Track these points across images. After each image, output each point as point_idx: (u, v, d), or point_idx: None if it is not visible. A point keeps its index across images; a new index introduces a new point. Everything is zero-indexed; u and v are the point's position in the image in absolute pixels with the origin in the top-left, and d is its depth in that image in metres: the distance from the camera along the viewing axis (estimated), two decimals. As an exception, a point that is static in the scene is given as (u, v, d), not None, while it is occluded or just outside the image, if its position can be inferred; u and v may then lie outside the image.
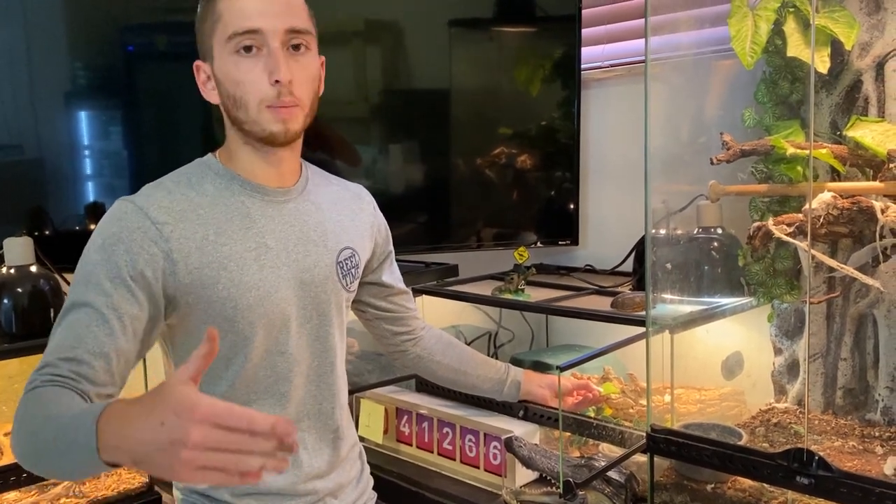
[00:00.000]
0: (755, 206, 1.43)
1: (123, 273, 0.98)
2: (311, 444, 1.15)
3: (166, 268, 1.01)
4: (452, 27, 1.99)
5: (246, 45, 1.02)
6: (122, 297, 0.97)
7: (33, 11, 1.69)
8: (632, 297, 1.55)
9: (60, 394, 0.88)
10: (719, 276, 1.52)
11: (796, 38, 1.34)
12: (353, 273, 1.20)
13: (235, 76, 1.03)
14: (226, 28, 1.02)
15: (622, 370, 1.70)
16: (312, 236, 1.14)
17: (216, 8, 1.04)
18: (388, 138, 1.99)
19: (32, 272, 1.44)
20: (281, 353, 1.10)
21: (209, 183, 1.09)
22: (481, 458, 1.53)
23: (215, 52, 1.05)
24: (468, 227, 2.07)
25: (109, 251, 0.99)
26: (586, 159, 2.09)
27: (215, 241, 1.05)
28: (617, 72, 2.02)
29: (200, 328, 1.05)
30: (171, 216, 1.03)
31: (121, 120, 1.83)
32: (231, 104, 1.06)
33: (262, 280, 1.07)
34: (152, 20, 1.78)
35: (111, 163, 1.82)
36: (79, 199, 1.79)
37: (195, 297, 1.03)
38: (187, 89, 1.71)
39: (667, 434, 1.26)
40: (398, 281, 1.36)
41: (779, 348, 1.54)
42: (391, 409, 1.71)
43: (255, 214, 1.09)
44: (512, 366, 1.49)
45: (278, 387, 1.11)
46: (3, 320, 1.41)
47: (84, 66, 1.76)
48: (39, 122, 1.74)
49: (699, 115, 1.57)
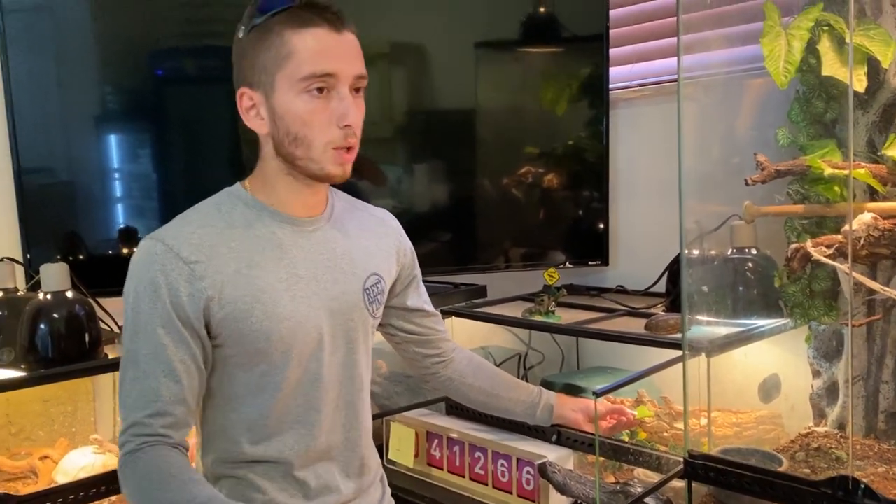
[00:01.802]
0: (791, 227, 1.41)
1: (173, 317, 1.02)
2: (338, 472, 1.15)
3: (203, 305, 1.02)
4: (479, 49, 2.00)
5: (320, 87, 1.03)
6: (179, 342, 1.02)
7: (69, 39, 1.73)
8: (666, 318, 1.53)
9: (166, 458, 0.99)
10: (755, 297, 1.50)
11: (831, 56, 1.32)
12: (378, 300, 1.20)
13: (304, 116, 1.03)
14: (300, 67, 1.01)
15: (655, 393, 1.68)
16: (340, 264, 1.14)
17: (286, 42, 1.02)
18: (416, 159, 2.00)
19: (68, 298, 1.46)
20: (311, 381, 1.11)
21: (238, 214, 1.09)
22: (514, 483, 1.51)
23: (278, 86, 1.03)
24: (496, 247, 2.07)
25: (154, 298, 1.01)
26: (615, 179, 2.08)
27: (248, 273, 1.05)
28: (645, 91, 2.01)
29: (232, 359, 1.06)
30: (202, 253, 1.04)
31: (153, 144, 1.86)
32: (289, 140, 1.05)
33: (295, 311, 1.07)
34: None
35: (141, 186, 1.84)
36: (111, 223, 1.81)
37: (229, 330, 1.04)
38: (220, 112, 1.73)
39: (705, 460, 1.23)
40: (426, 304, 1.36)
41: (817, 370, 1.51)
42: (422, 433, 1.70)
43: (287, 244, 1.09)
44: (544, 389, 1.48)
45: (309, 416, 1.11)
46: (39, 345, 1.42)
47: (114, 91, 1.79)
48: (72, 146, 1.77)
49: (731, 135, 1.56)
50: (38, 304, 1.44)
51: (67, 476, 1.48)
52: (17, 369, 1.42)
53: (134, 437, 1.00)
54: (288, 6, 1.03)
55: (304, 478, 1.10)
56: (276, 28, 1.02)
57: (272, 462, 1.09)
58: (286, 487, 1.09)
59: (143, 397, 1.01)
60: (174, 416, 1.02)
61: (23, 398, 1.66)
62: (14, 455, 1.61)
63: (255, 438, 1.09)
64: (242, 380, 1.08)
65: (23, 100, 1.67)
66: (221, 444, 1.10)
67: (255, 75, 1.05)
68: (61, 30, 1.72)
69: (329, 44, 1.03)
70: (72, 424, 1.73)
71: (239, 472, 1.09)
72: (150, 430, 1.00)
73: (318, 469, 1.12)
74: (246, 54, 1.05)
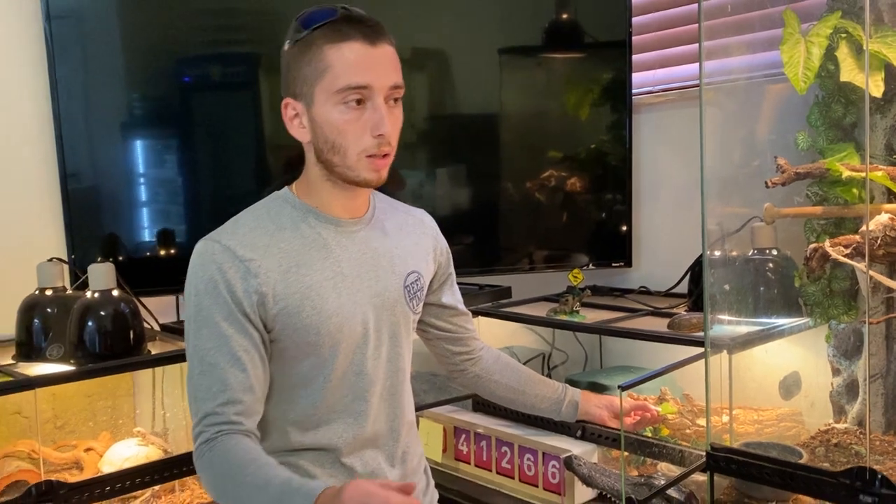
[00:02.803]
0: (811, 228, 1.45)
1: (233, 309, 1.07)
2: (384, 460, 1.21)
3: (258, 300, 1.09)
4: (503, 54, 2.06)
5: (356, 98, 1.08)
6: (241, 332, 1.08)
7: (109, 46, 1.81)
8: (688, 318, 1.57)
9: (241, 445, 1.05)
10: (775, 297, 1.53)
11: (849, 62, 1.36)
12: (418, 296, 1.26)
13: (339, 126, 1.09)
14: (336, 80, 1.07)
15: (678, 391, 1.71)
16: (382, 262, 1.20)
17: (324, 56, 1.07)
18: (442, 162, 2.06)
19: (114, 296, 1.53)
20: (357, 373, 1.16)
21: (286, 216, 1.16)
22: (540, 476, 1.56)
23: (317, 98, 1.09)
24: (520, 249, 2.11)
25: (214, 293, 1.08)
26: (638, 182, 2.13)
27: (297, 272, 1.11)
28: (668, 96, 2.05)
29: (285, 352, 1.13)
30: (255, 252, 1.10)
31: (192, 150, 1.93)
32: (327, 148, 1.11)
33: (341, 307, 1.13)
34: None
35: (175, 191, 1.91)
36: (149, 226, 1.88)
37: (282, 325, 1.10)
38: (260, 117, 1.78)
39: (727, 452, 1.27)
40: (458, 303, 1.41)
41: (837, 368, 1.54)
42: (449, 428, 1.75)
43: (332, 244, 1.16)
44: (569, 386, 1.52)
45: (356, 406, 1.17)
46: (87, 341, 1.49)
47: (141, 98, 1.86)
48: (112, 152, 1.85)
49: (751, 139, 1.59)
50: (87, 302, 1.51)
51: (113, 466, 1.55)
52: (66, 364, 1.50)
53: (208, 427, 1.06)
54: (328, 20, 1.08)
55: (352, 464, 1.16)
56: (315, 42, 1.08)
57: (322, 449, 1.15)
58: (335, 473, 1.15)
59: (212, 388, 1.06)
60: (244, 403, 1.07)
61: (67, 393, 1.73)
62: (60, 447, 1.68)
63: (305, 427, 1.15)
64: (294, 372, 1.13)
65: (68, 107, 1.75)
66: (274, 433, 1.16)
67: (298, 87, 1.11)
68: (102, 37, 1.80)
69: (364, 57, 1.08)
70: (113, 419, 1.81)
71: (290, 458, 1.14)
72: (222, 418, 1.05)
73: (365, 456, 1.18)
74: (290, 67, 1.12)
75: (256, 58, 1.92)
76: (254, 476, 1.01)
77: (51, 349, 1.52)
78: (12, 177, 1.78)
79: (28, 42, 1.76)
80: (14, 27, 1.77)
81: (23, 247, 1.74)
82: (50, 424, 1.69)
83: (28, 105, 1.78)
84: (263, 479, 1.00)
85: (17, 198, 1.79)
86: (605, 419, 1.50)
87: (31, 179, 1.79)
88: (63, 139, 1.75)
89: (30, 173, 1.79)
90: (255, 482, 1.00)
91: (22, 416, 1.67)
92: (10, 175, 1.77)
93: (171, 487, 1.63)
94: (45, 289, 1.57)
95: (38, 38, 1.74)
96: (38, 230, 1.79)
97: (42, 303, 1.54)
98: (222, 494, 1.06)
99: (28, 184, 1.79)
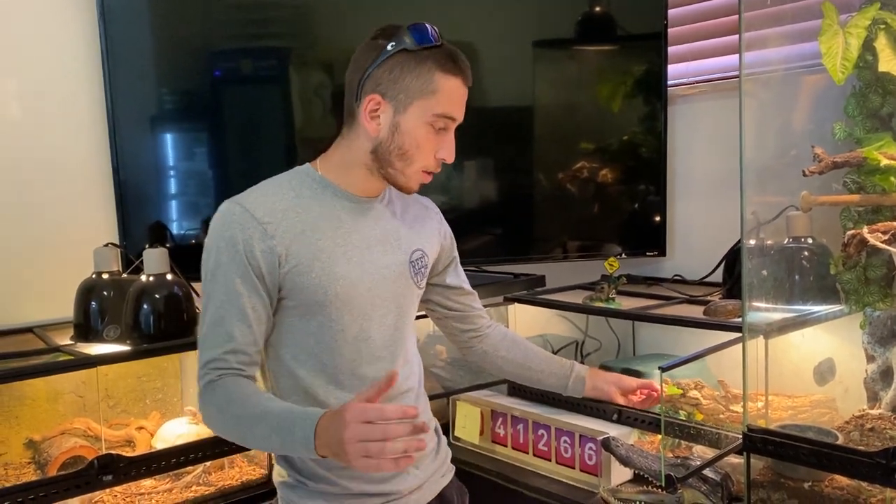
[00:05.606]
0: (848, 216, 1.47)
1: (249, 271, 1.17)
2: None
3: (273, 261, 1.18)
4: (536, 47, 2.09)
5: (442, 126, 1.22)
6: (252, 291, 1.17)
7: (155, 41, 1.87)
8: (724, 304, 1.60)
9: (242, 384, 1.15)
10: (811, 284, 1.56)
11: (887, 53, 1.38)
12: (422, 272, 1.35)
13: (420, 141, 1.22)
14: (438, 105, 1.20)
15: (711, 378, 1.74)
16: (390, 238, 1.29)
17: (434, 80, 1.19)
18: (478, 154, 2.09)
19: (168, 280, 1.59)
20: (364, 339, 1.24)
21: (307, 188, 1.25)
22: (577, 458, 1.60)
23: (411, 110, 1.20)
24: (555, 239, 2.15)
25: (232, 252, 1.17)
26: (672, 172, 2.15)
27: (311, 235, 1.21)
28: (702, 88, 2.07)
29: (294, 310, 1.21)
30: (273, 216, 1.19)
31: (234, 141, 1.98)
32: (397, 152, 1.22)
33: (349, 272, 1.22)
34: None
35: (217, 182, 1.97)
36: (196, 214, 1.95)
37: (292, 283, 1.19)
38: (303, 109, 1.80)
39: (764, 433, 1.30)
40: (463, 283, 1.49)
41: (871, 355, 1.56)
42: (486, 412, 1.80)
43: (344, 217, 1.25)
44: (576, 363, 1.58)
45: (361, 369, 1.24)
46: (143, 323, 1.55)
47: (170, 92, 1.92)
48: (158, 143, 1.91)
49: (788, 129, 1.61)
50: (142, 286, 1.57)
51: (166, 443, 1.62)
52: (122, 344, 1.56)
53: (212, 370, 1.15)
54: (437, 45, 1.20)
55: None
56: (428, 63, 1.19)
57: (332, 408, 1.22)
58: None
59: (219, 338, 1.16)
60: (248, 354, 1.17)
61: (119, 373, 1.80)
62: (113, 426, 1.75)
63: (315, 388, 1.22)
64: (302, 329, 1.22)
65: (120, 100, 1.82)
66: (288, 396, 1.23)
67: (394, 91, 1.20)
68: (151, 35, 1.87)
69: (462, 95, 1.24)
70: (162, 399, 1.87)
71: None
72: (226, 364, 1.15)
73: None
74: (391, 69, 1.20)
75: (289, 52, 1.97)
76: (255, 407, 1.11)
77: (107, 330, 1.58)
78: (68, 168, 1.86)
79: (84, 42, 1.85)
80: (71, 27, 1.85)
81: (77, 233, 1.83)
82: (103, 404, 1.76)
83: (84, 102, 1.87)
84: (264, 409, 1.10)
85: (73, 187, 1.87)
86: (613, 395, 1.56)
87: (86, 171, 1.88)
88: (116, 132, 1.82)
89: (84, 164, 1.88)
90: (255, 412, 1.10)
91: (77, 395, 1.74)
92: (66, 167, 1.86)
93: (221, 465, 1.69)
94: (101, 272, 1.63)
95: (93, 38, 1.82)
96: (90, 218, 1.87)
97: (99, 286, 1.61)
98: (224, 428, 1.15)
99: (82, 175, 1.87)
